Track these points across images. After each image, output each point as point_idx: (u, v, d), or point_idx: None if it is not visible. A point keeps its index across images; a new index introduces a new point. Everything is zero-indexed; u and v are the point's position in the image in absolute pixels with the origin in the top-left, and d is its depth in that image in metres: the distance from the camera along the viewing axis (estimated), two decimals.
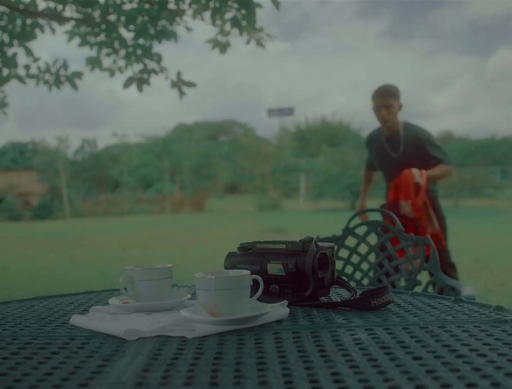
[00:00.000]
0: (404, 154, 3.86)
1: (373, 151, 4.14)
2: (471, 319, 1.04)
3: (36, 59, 6.08)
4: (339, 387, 0.68)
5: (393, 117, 3.80)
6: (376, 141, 4.06)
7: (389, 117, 3.78)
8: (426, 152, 3.80)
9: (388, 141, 3.94)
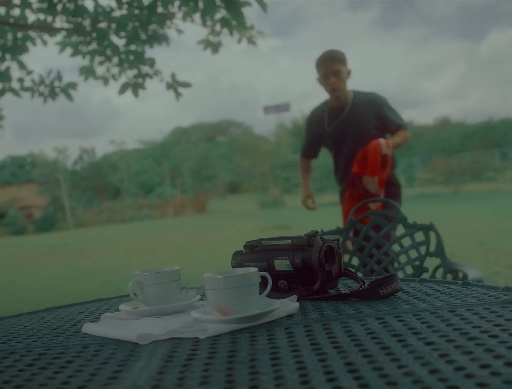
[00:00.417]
0: (349, 126, 3.48)
1: (312, 129, 3.72)
2: (480, 302, 1.04)
3: (29, 72, 6.09)
4: (354, 376, 0.68)
5: (343, 84, 3.44)
6: (317, 117, 3.68)
7: (339, 84, 3.41)
8: (385, 117, 3.44)
9: (331, 114, 3.56)
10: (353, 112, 3.46)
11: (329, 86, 3.41)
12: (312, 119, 3.73)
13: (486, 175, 30.33)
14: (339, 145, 3.54)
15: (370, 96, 3.51)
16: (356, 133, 3.43)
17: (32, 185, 47.21)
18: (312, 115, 3.74)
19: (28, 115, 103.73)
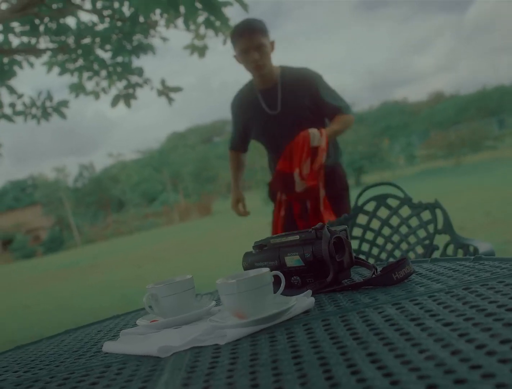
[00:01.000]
0: (288, 108, 2.95)
1: (245, 117, 3.12)
2: (494, 276, 1.05)
3: (20, 96, 6.10)
4: (377, 366, 0.68)
5: (268, 60, 2.89)
6: (248, 101, 3.07)
7: (264, 60, 2.85)
8: (320, 99, 2.93)
9: (265, 96, 3.00)
10: (285, 92, 2.94)
11: (251, 64, 2.86)
12: (242, 104, 3.13)
13: (485, 144, 30.29)
14: (280, 134, 2.99)
15: (301, 73, 2.98)
16: (295, 119, 2.92)
17: (36, 207, 47.32)
18: (240, 99, 3.14)
19: (23, 138, 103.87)
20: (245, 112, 3.10)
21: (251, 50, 2.82)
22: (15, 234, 41.14)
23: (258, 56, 2.82)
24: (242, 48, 2.83)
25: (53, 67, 6.15)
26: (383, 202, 2.33)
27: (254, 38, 2.80)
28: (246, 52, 2.84)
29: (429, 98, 58.31)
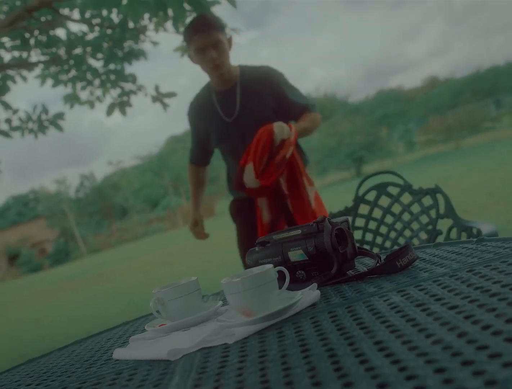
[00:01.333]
0: (249, 110, 2.68)
1: (203, 125, 2.82)
2: (497, 256, 1.05)
3: (15, 111, 6.11)
4: (385, 354, 0.69)
5: (227, 58, 2.64)
6: (204, 107, 2.79)
7: (222, 59, 2.60)
8: (284, 98, 2.69)
9: (222, 99, 2.72)
10: (245, 93, 2.69)
11: (208, 63, 2.60)
12: (198, 111, 2.84)
13: (483, 126, 30.26)
14: (240, 139, 2.69)
15: (262, 71, 2.74)
16: (257, 121, 2.60)
17: (40, 220, 47.39)
18: (196, 106, 2.85)
19: (22, 153, 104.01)
20: (202, 120, 2.81)
21: (208, 48, 2.57)
22: (21, 249, 41.22)
23: (216, 54, 2.57)
24: (198, 47, 2.58)
25: (46, 80, 6.16)
26: (384, 190, 2.34)
27: (211, 35, 2.57)
28: (202, 51, 2.58)
29: (424, 83, 58.20)
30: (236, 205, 2.89)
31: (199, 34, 2.56)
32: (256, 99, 2.67)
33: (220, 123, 2.71)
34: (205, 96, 2.78)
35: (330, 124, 33.41)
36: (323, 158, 32.44)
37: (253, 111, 2.66)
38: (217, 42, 2.57)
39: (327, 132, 32.13)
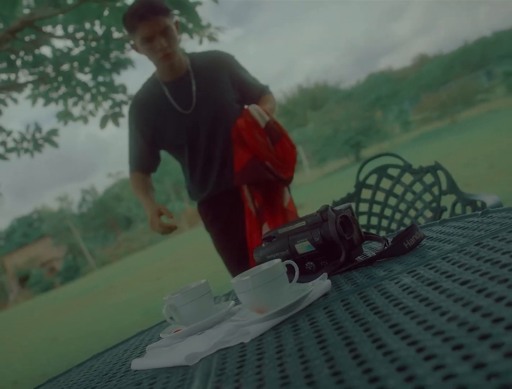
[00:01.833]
0: (207, 101, 2.43)
1: (151, 122, 2.50)
2: (503, 227, 1.04)
3: (9, 133, 6.12)
4: (401, 336, 0.68)
5: (177, 46, 2.39)
6: (153, 101, 2.49)
7: (173, 47, 2.35)
8: (243, 81, 2.51)
9: (175, 90, 2.46)
10: (201, 81, 2.44)
11: (158, 53, 2.33)
12: (146, 108, 2.50)
13: (477, 98, 30.21)
14: (197, 134, 2.46)
15: (214, 55, 2.54)
16: (218, 110, 2.43)
17: (46, 240, 47.47)
18: (143, 102, 2.52)
19: (20, 174, 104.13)
20: (153, 115, 2.49)
21: (156, 36, 2.29)
22: (31, 270, 41.30)
23: (166, 43, 2.31)
24: (145, 35, 2.29)
25: (37, 99, 6.17)
26: (384, 173, 2.33)
27: (158, 21, 2.28)
28: (150, 39, 2.30)
29: (413, 62, 58.04)
30: (205, 206, 2.65)
31: (145, 21, 2.27)
32: (214, 86, 2.45)
33: (175, 116, 2.44)
34: (153, 89, 2.49)
35: (324, 112, 33.38)
36: (320, 147, 32.43)
37: (214, 100, 2.44)
38: (166, 29, 2.30)
39: (322, 121, 32.12)
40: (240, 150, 2.36)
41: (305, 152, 36.03)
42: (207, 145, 2.47)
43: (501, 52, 36.86)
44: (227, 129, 2.42)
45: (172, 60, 2.37)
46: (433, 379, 0.53)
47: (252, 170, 2.34)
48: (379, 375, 0.59)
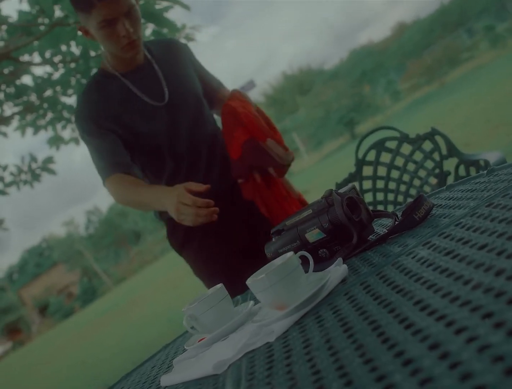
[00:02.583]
0: (180, 93, 2.08)
1: (118, 119, 2.00)
2: (511, 183, 1.02)
3: (4, 168, 6.12)
4: (428, 312, 0.66)
5: (142, 31, 1.97)
6: (117, 96, 2.02)
7: (139, 32, 1.93)
8: (203, 72, 2.25)
9: (142, 82, 2.04)
10: (167, 70, 2.10)
11: (122, 40, 1.88)
12: (107, 106, 2.02)
13: (462, 57, 30.08)
14: (177, 129, 2.08)
15: (173, 45, 2.22)
16: (192, 102, 2.12)
17: (59, 267, 47.61)
18: (99, 100, 2.03)
19: (23, 206, 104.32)
20: (117, 112, 2.01)
21: (120, 18, 1.83)
22: (48, 298, 41.43)
23: (132, 27, 1.87)
24: (106, 17, 1.82)
25: (26, 129, 6.16)
26: (382, 147, 2.31)
27: (121, 0, 1.82)
28: (111, 23, 1.84)
29: (393, 32, 57.67)
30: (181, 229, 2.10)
31: (105, 1, 1.80)
32: (182, 74, 2.13)
33: (148, 110, 2.02)
34: (108, 83, 2.04)
35: (313, 95, 33.35)
36: (315, 130, 32.40)
37: (187, 89, 2.11)
38: (131, 9, 1.85)
39: (312, 105, 32.10)
40: (236, 133, 2.06)
41: (300, 137, 35.98)
42: (191, 142, 2.10)
43: (479, 7, 36.61)
44: (208, 123, 2.18)
45: (138, 49, 1.95)
46: (468, 353, 0.51)
47: (253, 153, 2.04)
48: (412, 356, 0.58)
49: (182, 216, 1.73)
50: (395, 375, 0.56)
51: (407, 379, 0.53)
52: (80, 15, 1.90)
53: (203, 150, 2.13)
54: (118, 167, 1.99)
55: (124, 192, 1.98)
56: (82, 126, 2.05)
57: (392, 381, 0.55)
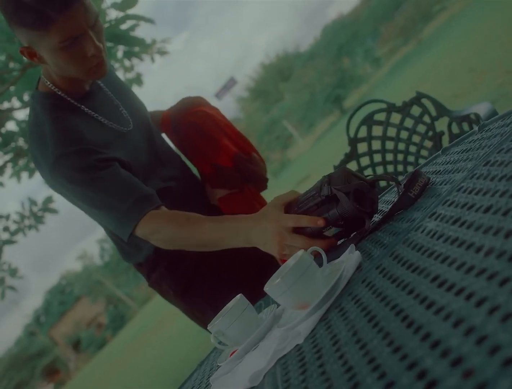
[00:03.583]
0: (138, 116, 1.83)
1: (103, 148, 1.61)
2: (504, 137, 1.01)
3: (7, 217, 6.15)
4: (446, 288, 0.66)
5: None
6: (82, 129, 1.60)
7: (105, 51, 1.56)
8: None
9: (100, 107, 1.71)
10: (116, 91, 1.82)
11: (90, 61, 1.53)
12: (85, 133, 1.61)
13: (434, 10, 29.95)
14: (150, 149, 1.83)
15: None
16: (151, 124, 1.89)
17: (82, 300, 47.79)
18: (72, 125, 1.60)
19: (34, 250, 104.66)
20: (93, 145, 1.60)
21: (87, 34, 1.48)
22: (79, 334, 41.61)
23: (100, 42, 1.53)
24: (69, 35, 1.45)
25: (21, 175, 6.17)
26: (372, 121, 2.31)
27: (86, 7, 1.45)
28: (76, 41, 1.47)
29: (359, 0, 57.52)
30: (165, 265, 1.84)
31: (67, 11, 1.41)
32: (131, 94, 1.91)
33: (116, 139, 1.71)
34: (64, 110, 1.64)
35: (295, 80, 33.30)
36: (304, 114, 32.34)
37: (143, 110, 1.91)
38: (96, 20, 1.50)
39: (296, 89, 32.04)
40: (222, 142, 1.88)
41: (292, 124, 35.94)
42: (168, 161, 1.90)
43: None
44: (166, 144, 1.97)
45: (105, 69, 1.60)
46: (492, 325, 0.51)
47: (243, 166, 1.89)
48: (438, 337, 0.57)
49: (286, 251, 1.34)
50: (426, 360, 0.55)
51: (438, 362, 0.53)
52: (29, 33, 1.46)
53: (179, 167, 1.95)
54: (148, 201, 1.59)
55: (177, 233, 1.57)
56: (70, 165, 1.56)
57: (424, 367, 0.55)
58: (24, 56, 1.53)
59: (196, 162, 1.95)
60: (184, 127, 1.89)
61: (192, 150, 1.93)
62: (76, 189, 1.59)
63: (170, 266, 1.81)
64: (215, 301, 1.40)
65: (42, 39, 1.45)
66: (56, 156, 1.54)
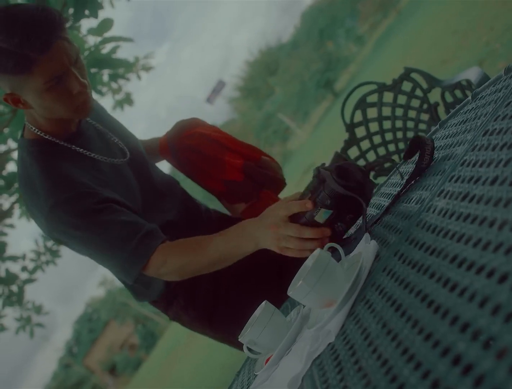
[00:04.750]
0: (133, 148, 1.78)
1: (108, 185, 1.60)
2: (498, 103, 1.01)
3: (23, 257, 6.20)
4: (466, 267, 0.66)
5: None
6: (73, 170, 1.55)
7: (90, 86, 1.52)
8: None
9: (94, 146, 1.66)
10: (104, 122, 1.78)
11: (77, 99, 1.48)
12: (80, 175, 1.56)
13: None
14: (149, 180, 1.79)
15: None
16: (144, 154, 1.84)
17: (111, 324, 47.93)
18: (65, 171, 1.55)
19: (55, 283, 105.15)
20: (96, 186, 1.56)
21: (70, 71, 1.44)
22: (113, 357, 41.78)
23: (84, 78, 1.50)
24: (54, 75, 1.41)
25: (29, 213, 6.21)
26: (365, 104, 2.31)
27: (67, 43, 1.43)
28: (61, 79, 1.43)
29: None
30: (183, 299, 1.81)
31: (48, 51, 1.38)
32: (121, 126, 1.87)
33: (112, 173, 1.66)
34: (54, 154, 1.58)
35: (282, 72, 33.28)
36: (297, 104, 32.30)
37: (136, 140, 1.87)
38: (78, 56, 1.47)
39: (285, 81, 32.03)
40: (226, 157, 1.82)
41: (287, 116, 35.88)
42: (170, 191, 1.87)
43: None
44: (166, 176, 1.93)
45: (91, 105, 1.56)
46: None
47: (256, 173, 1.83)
48: (467, 320, 0.57)
49: (283, 243, 1.36)
50: (458, 345, 0.56)
51: (471, 346, 0.53)
52: (11, 79, 1.41)
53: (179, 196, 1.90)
54: (154, 236, 1.55)
55: (186, 258, 1.54)
56: (66, 212, 1.50)
57: (457, 352, 0.55)
58: (8, 103, 1.48)
59: (205, 184, 1.89)
60: (183, 151, 1.86)
61: (198, 174, 1.88)
62: (76, 234, 1.55)
63: (187, 296, 1.76)
64: (243, 318, 1.30)
65: (26, 83, 1.41)
66: (50, 206, 1.49)
